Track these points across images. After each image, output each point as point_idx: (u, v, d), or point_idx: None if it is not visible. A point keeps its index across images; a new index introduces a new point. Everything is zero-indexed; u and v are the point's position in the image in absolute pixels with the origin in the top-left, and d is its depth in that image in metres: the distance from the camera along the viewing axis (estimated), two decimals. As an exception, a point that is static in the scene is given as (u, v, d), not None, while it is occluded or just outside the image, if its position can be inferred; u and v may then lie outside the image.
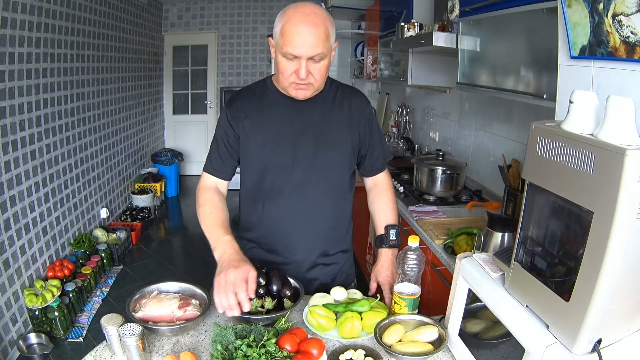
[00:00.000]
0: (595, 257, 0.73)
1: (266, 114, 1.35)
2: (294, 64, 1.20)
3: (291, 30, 1.16)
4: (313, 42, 1.16)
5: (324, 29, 1.18)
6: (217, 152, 1.39)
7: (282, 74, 1.23)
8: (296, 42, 1.16)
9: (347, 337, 1.15)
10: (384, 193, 1.50)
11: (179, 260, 3.97)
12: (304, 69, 1.20)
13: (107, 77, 4.13)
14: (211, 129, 6.25)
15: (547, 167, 0.85)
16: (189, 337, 1.16)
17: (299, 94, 1.27)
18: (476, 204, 2.32)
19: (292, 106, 1.34)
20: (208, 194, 1.38)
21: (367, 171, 1.50)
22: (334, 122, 1.37)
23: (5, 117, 2.54)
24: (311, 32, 1.16)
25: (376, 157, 1.47)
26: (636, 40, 0.99)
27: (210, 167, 1.41)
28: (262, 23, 6.12)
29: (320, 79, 1.25)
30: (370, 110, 1.45)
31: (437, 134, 3.33)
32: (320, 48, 1.18)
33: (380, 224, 1.46)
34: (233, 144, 1.37)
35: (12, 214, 2.59)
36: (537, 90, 1.59)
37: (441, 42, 2.17)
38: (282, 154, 1.34)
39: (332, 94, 1.38)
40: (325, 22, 1.19)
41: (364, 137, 1.42)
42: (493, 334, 0.98)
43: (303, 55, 1.18)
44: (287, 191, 1.36)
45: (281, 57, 1.21)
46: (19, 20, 2.66)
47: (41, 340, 2.59)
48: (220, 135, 1.38)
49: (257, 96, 1.38)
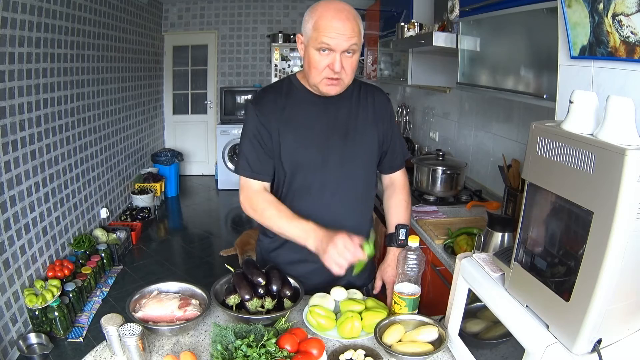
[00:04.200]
0: (595, 257, 0.73)
1: (295, 112, 1.34)
2: (328, 57, 1.23)
3: (326, 23, 1.19)
4: (348, 33, 1.20)
5: (357, 23, 1.23)
6: (253, 153, 1.34)
7: (315, 69, 1.25)
8: (332, 33, 1.19)
9: (347, 337, 1.15)
10: (400, 192, 1.50)
11: (179, 260, 3.97)
12: (338, 62, 1.22)
13: (107, 77, 4.13)
14: (211, 129, 6.26)
15: (547, 167, 0.85)
16: (189, 337, 1.16)
17: (330, 90, 1.28)
18: (476, 204, 2.32)
19: (319, 103, 1.35)
20: (262, 196, 1.34)
21: (385, 169, 1.51)
22: (360, 120, 1.38)
23: (5, 117, 2.54)
24: (346, 25, 1.20)
25: (396, 154, 1.49)
26: (636, 40, 0.99)
27: (250, 171, 1.35)
28: (262, 23, 6.12)
29: (351, 73, 1.27)
30: (391, 108, 1.47)
31: (437, 134, 3.33)
32: (355, 39, 1.22)
33: (392, 223, 1.47)
34: (267, 141, 1.34)
35: (12, 214, 2.59)
36: (537, 90, 1.59)
37: (441, 42, 2.17)
38: (312, 152, 1.34)
39: (357, 92, 1.40)
40: (356, 18, 1.24)
41: (386, 134, 1.44)
42: (493, 334, 0.98)
43: (338, 46, 1.20)
44: (317, 189, 1.36)
45: (314, 52, 1.23)
46: (19, 20, 2.66)
47: (41, 340, 2.59)
48: (254, 135, 1.34)
49: (284, 93, 1.37)
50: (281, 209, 1.30)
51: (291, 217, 1.28)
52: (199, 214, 5.15)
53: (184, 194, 5.73)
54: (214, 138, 6.14)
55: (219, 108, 5.92)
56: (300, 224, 1.25)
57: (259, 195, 1.35)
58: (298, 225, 1.26)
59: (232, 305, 1.20)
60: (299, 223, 1.26)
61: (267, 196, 1.35)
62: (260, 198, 1.34)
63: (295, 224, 1.26)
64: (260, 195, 1.35)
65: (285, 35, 5.68)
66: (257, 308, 1.19)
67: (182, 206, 5.38)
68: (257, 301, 1.19)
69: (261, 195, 1.35)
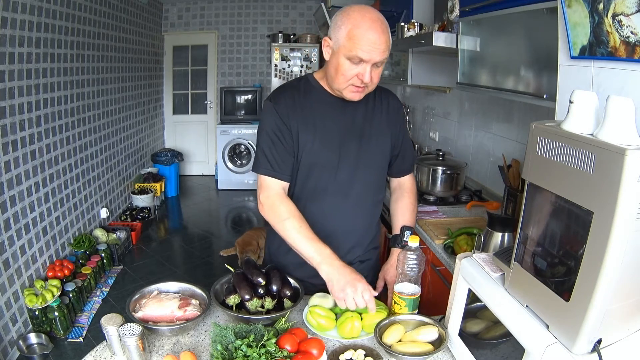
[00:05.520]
0: (595, 257, 0.73)
1: (313, 111, 1.34)
2: (359, 67, 1.22)
3: (361, 35, 1.18)
4: (383, 47, 1.20)
5: (389, 36, 1.23)
6: (274, 152, 1.31)
7: (343, 76, 1.24)
8: (366, 47, 1.18)
9: (347, 337, 1.15)
10: (407, 195, 1.51)
11: (179, 260, 3.97)
12: (368, 74, 1.22)
13: (107, 77, 4.13)
14: (211, 129, 6.26)
15: (547, 167, 0.85)
16: (189, 337, 1.16)
17: (355, 97, 1.29)
18: (476, 204, 2.32)
19: (337, 106, 1.35)
20: (286, 205, 1.30)
21: (394, 172, 1.52)
22: (375, 122, 1.39)
23: (5, 117, 2.54)
24: (381, 38, 1.19)
25: (405, 159, 1.50)
26: (636, 40, 0.99)
27: (271, 170, 1.32)
28: (262, 23, 6.12)
29: (377, 82, 1.29)
30: (403, 112, 1.49)
31: (437, 134, 3.33)
32: (386, 54, 1.22)
33: (397, 224, 1.48)
34: (289, 139, 1.32)
35: (12, 214, 2.59)
36: (537, 90, 1.59)
37: (441, 42, 2.17)
38: (329, 152, 1.34)
39: (372, 95, 1.40)
40: (388, 29, 1.23)
41: (398, 138, 1.45)
42: (493, 334, 0.98)
43: (371, 60, 1.20)
44: (331, 190, 1.36)
45: (344, 60, 1.22)
46: (19, 20, 2.66)
47: (41, 340, 2.59)
48: (274, 133, 1.31)
49: (302, 93, 1.36)
50: (302, 224, 1.27)
51: (310, 236, 1.26)
52: (199, 214, 5.15)
53: (184, 194, 5.73)
54: (214, 138, 6.14)
55: (219, 108, 5.92)
56: (318, 246, 1.24)
57: (282, 201, 1.31)
58: (315, 246, 1.24)
59: (232, 305, 1.20)
60: (317, 245, 1.24)
61: (291, 206, 1.31)
62: (284, 206, 1.30)
63: (312, 244, 1.24)
64: (284, 203, 1.31)
65: (285, 35, 5.68)
66: (257, 308, 1.19)
67: (182, 206, 5.38)
68: (257, 301, 1.19)
69: (284, 202, 1.31)
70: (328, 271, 1.20)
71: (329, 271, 1.20)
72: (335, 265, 1.20)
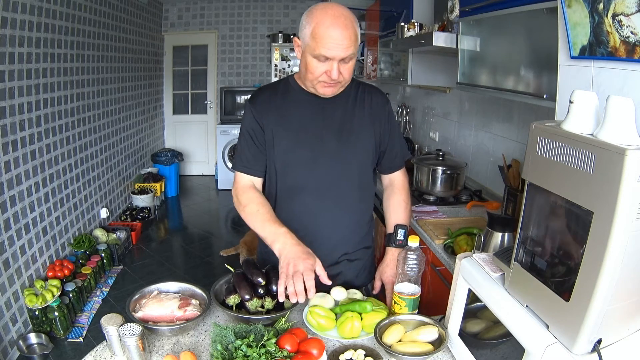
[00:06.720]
0: (595, 257, 0.73)
1: (289, 111, 1.37)
2: (325, 65, 1.23)
3: (323, 33, 1.18)
4: (345, 44, 1.19)
5: (354, 31, 1.21)
6: (247, 149, 1.39)
7: (312, 74, 1.26)
8: (329, 45, 1.18)
9: (347, 337, 1.15)
10: (399, 192, 1.50)
11: (179, 260, 3.97)
12: (335, 70, 1.22)
13: (107, 77, 4.13)
14: (211, 129, 6.26)
15: (547, 167, 0.85)
16: (189, 337, 1.16)
17: (327, 92, 1.30)
18: (476, 204, 2.32)
19: (315, 103, 1.36)
20: (248, 193, 1.37)
21: (384, 169, 1.51)
22: (356, 119, 1.39)
23: (5, 117, 2.54)
24: (344, 35, 1.18)
25: (394, 155, 1.49)
26: (636, 40, 0.99)
27: (242, 165, 1.40)
28: (262, 23, 6.12)
29: (348, 77, 1.28)
30: (389, 108, 1.47)
31: (437, 134, 3.33)
32: (352, 49, 1.21)
33: (391, 223, 1.47)
34: (261, 139, 1.37)
35: (12, 214, 2.59)
36: (537, 90, 1.59)
37: (441, 42, 2.17)
38: (304, 150, 1.36)
39: (354, 92, 1.40)
40: (354, 23, 1.22)
41: (384, 134, 1.44)
42: (493, 334, 0.98)
43: (336, 57, 1.20)
44: (310, 187, 1.37)
45: (311, 59, 1.23)
46: (19, 20, 2.66)
47: (41, 340, 2.59)
48: (248, 132, 1.38)
49: (280, 93, 1.39)
50: (261, 209, 1.31)
51: (267, 218, 1.28)
52: (199, 214, 5.15)
53: (184, 194, 5.73)
54: (214, 138, 6.14)
55: (219, 108, 5.92)
56: (273, 226, 1.25)
57: (247, 191, 1.37)
58: (271, 227, 1.25)
59: (232, 305, 1.20)
60: (272, 225, 1.26)
61: (254, 193, 1.37)
62: (248, 194, 1.36)
63: (268, 225, 1.26)
64: (248, 192, 1.37)
65: (285, 35, 5.68)
66: (257, 308, 1.19)
67: (182, 206, 5.38)
68: (257, 301, 1.19)
69: (249, 191, 1.37)
70: (280, 247, 1.20)
71: (281, 247, 1.20)
72: (288, 242, 1.20)
